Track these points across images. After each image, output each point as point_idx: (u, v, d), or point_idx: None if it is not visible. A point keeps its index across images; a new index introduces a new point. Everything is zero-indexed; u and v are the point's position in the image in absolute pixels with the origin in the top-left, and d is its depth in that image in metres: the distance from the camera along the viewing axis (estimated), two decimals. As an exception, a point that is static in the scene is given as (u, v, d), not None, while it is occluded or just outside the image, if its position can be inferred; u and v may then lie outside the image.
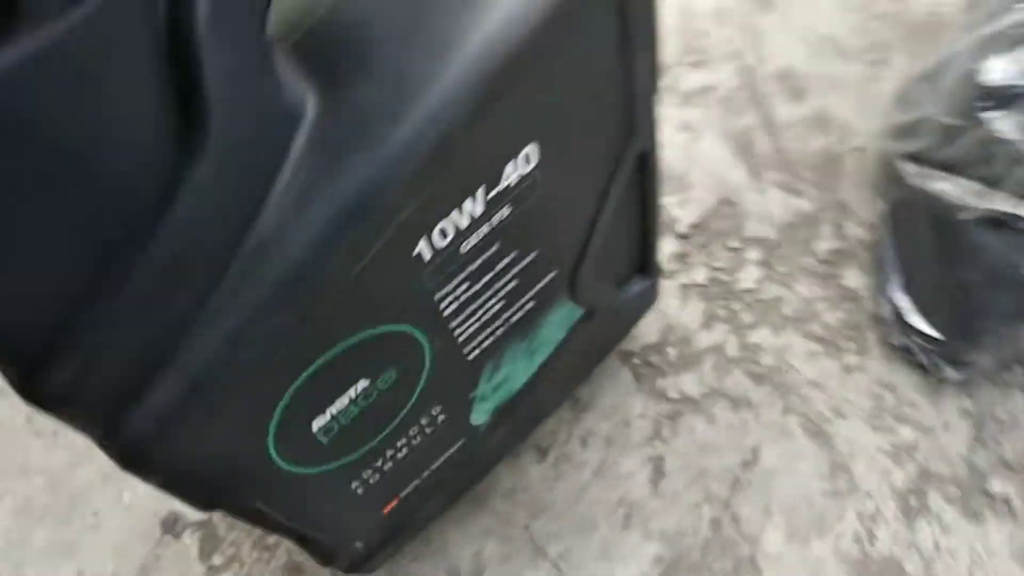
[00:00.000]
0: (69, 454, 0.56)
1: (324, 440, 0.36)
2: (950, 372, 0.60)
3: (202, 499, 0.35)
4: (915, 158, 0.59)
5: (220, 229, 0.26)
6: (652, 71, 0.38)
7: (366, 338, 0.33)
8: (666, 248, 0.64)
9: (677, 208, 0.66)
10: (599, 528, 0.56)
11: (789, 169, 0.68)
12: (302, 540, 0.44)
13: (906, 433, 0.60)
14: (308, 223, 0.26)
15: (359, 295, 0.31)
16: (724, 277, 0.64)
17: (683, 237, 0.65)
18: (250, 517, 0.39)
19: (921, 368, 0.62)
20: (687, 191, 0.67)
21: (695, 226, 0.66)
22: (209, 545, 0.53)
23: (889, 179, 0.62)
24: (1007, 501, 0.59)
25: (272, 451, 0.34)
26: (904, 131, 0.61)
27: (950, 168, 0.55)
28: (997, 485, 0.59)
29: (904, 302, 0.60)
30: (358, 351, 0.33)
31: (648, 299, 0.58)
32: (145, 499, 0.54)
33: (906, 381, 0.62)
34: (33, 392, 0.26)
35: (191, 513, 0.54)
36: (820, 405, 0.60)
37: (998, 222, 0.53)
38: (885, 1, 0.75)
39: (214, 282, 0.26)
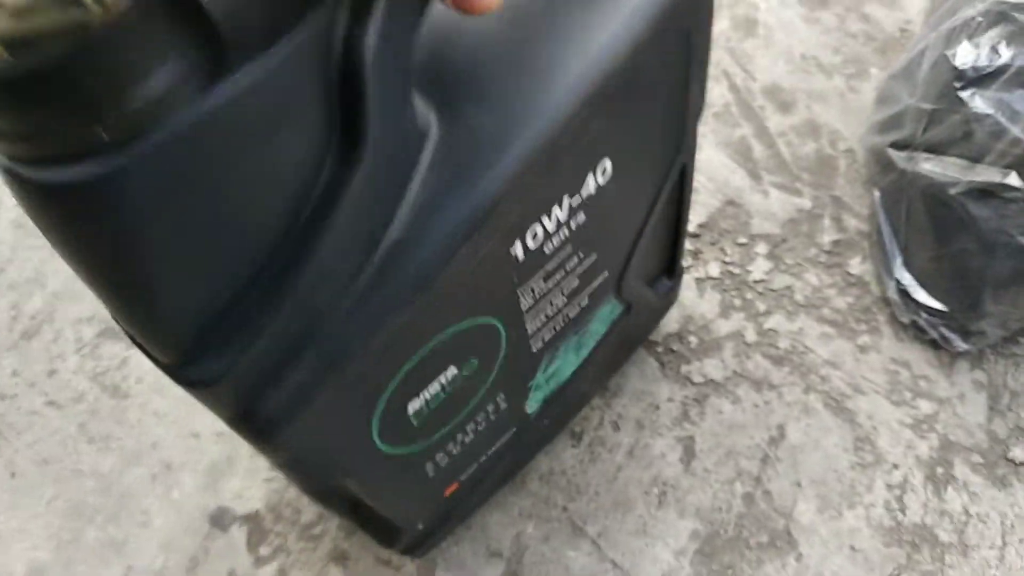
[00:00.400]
0: (120, 457, 0.56)
1: (415, 422, 0.38)
2: (959, 343, 0.61)
3: (311, 474, 0.37)
4: (901, 145, 0.62)
5: (365, 233, 0.28)
6: (702, 92, 0.40)
7: (462, 329, 0.35)
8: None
9: (685, 210, 0.69)
10: (635, 507, 0.56)
11: (786, 172, 0.72)
12: (369, 521, 0.45)
13: (924, 406, 0.61)
14: (436, 229, 0.29)
15: (467, 290, 0.33)
16: (736, 270, 0.67)
17: (694, 236, 0.68)
18: (335, 497, 0.40)
19: (932, 344, 0.64)
20: (693, 195, 0.70)
21: (704, 226, 0.69)
22: (256, 536, 0.53)
23: (880, 168, 0.65)
24: (1030, 467, 0.59)
25: (374, 431, 0.35)
26: (888, 124, 0.64)
27: (934, 149, 0.58)
28: (1019, 452, 0.60)
29: (907, 279, 0.62)
30: (453, 341, 0.35)
31: (672, 298, 0.61)
32: (193, 496, 0.54)
33: (919, 357, 0.63)
34: (184, 376, 0.28)
35: (238, 507, 0.54)
36: (839, 383, 0.62)
37: (986, 193, 0.56)
38: (857, 22, 0.81)
39: (354, 279, 0.28)
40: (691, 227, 0.68)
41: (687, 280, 0.65)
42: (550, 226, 0.36)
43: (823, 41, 0.79)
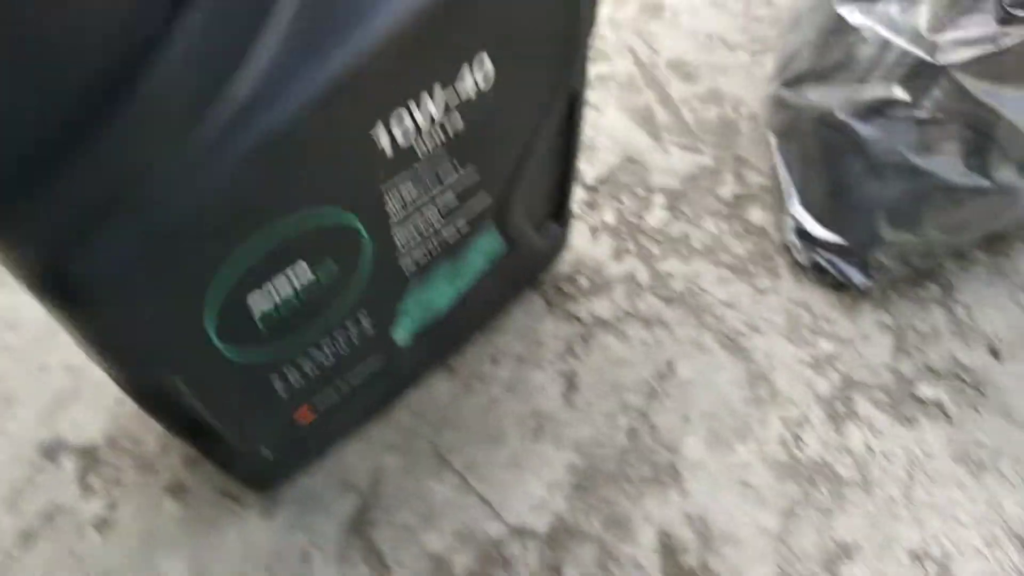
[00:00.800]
0: (-44, 390, 0.51)
1: (263, 326, 0.34)
2: (860, 278, 0.57)
3: (134, 366, 0.32)
4: (792, 83, 0.61)
5: (200, 82, 0.25)
6: (593, 8, 0.38)
7: (316, 222, 0.32)
8: (575, 196, 0.64)
9: (584, 164, 0.66)
10: (508, 440, 0.50)
11: (688, 134, 0.70)
12: (207, 439, 0.39)
13: (825, 345, 0.57)
14: (286, 90, 0.26)
15: (321, 172, 0.30)
16: (632, 218, 0.63)
17: (591, 188, 0.65)
18: (169, 405, 0.36)
19: (834, 287, 0.59)
20: (593, 152, 0.68)
21: (602, 180, 0.66)
22: (88, 468, 0.47)
23: (775, 112, 0.63)
24: (939, 405, 0.54)
25: (208, 324, 0.31)
26: (781, 70, 0.63)
27: (822, 78, 0.57)
28: (927, 390, 0.55)
29: (803, 215, 0.59)
30: (306, 233, 0.32)
31: (559, 244, 0.58)
32: (30, 428, 0.49)
33: (820, 299, 0.59)
34: None
35: (74, 438, 0.48)
36: (735, 322, 0.57)
37: (872, 111, 0.53)
38: (763, 7, 0.81)
39: (185, 134, 0.25)
40: (588, 180, 0.65)
41: (581, 227, 0.62)
42: (421, 120, 0.33)
43: (729, 23, 0.79)
